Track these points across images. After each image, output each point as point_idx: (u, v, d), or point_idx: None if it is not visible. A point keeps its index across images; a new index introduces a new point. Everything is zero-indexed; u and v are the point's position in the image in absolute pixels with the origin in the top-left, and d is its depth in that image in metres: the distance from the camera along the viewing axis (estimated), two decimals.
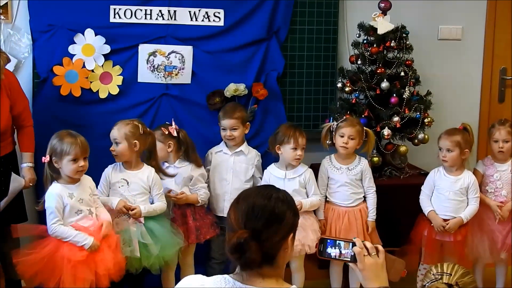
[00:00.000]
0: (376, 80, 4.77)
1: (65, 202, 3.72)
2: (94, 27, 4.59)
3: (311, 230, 4.32)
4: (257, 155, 4.65)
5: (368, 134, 4.50)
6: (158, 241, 4.00)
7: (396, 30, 4.81)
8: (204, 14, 4.78)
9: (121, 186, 4.05)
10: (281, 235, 2.13)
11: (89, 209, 3.80)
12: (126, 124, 4.04)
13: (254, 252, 2.06)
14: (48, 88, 4.57)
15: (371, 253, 2.22)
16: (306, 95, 5.15)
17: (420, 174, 4.99)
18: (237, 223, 2.13)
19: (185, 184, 4.34)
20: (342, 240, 2.26)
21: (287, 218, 2.16)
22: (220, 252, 4.51)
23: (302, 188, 4.37)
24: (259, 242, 2.07)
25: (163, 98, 4.79)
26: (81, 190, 3.79)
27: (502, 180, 4.52)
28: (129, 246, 3.90)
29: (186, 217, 4.31)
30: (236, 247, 2.06)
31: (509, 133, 4.49)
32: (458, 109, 5.55)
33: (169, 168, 4.32)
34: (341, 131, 4.41)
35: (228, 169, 4.53)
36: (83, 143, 3.75)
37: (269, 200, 2.16)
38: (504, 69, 5.72)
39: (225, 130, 4.49)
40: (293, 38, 5.05)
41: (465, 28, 5.57)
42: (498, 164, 4.54)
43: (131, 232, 3.94)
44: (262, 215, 2.12)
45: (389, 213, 4.64)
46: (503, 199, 4.51)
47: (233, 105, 4.65)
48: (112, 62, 4.67)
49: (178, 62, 4.76)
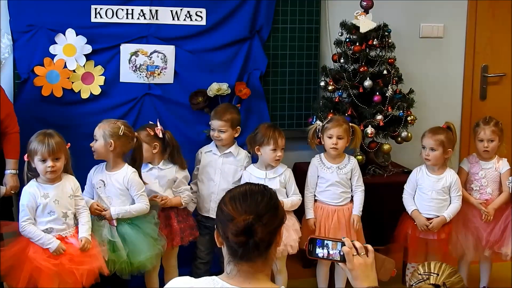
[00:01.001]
0: (359, 79, 4.77)
1: (38, 201, 3.67)
2: (75, 27, 4.56)
3: (292, 230, 4.29)
4: (247, 157, 4.54)
5: (355, 130, 4.47)
6: (128, 246, 3.92)
7: (378, 28, 4.83)
8: (186, 13, 4.76)
9: (98, 187, 4.01)
10: (276, 223, 2.14)
11: (66, 212, 3.72)
12: (108, 123, 3.99)
13: (261, 233, 2.06)
14: (29, 89, 4.54)
15: (360, 253, 2.21)
16: (289, 94, 5.15)
17: (404, 172, 5.00)
18: (237, 212, 2.10)
19: (168, 187, 4.29)
20: (330, 240, 2.25)
21: (280, 208, 2.19)
22: (206, 252, 4.48)
23: (283, 188, 4.34)
24: (263, 224, 2.08)
25: (145, 98, 4.78)
26: (59, 191, 3.73)
27: (487, 178, 4.53)
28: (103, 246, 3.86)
29: (170, 219, 4.27)
30: (243, 230, 2.05)
31: (494, 132, 4.49)
32: (440, 106, 5.59)
33: (153, 169, 4.27)
34: (329, 132, 4.39)
35: (216, 170, 4.48)
36: (53, 144, 3.65)
37: (264, 188, 2.20)
38: (485, 67, 5.75)
39: (213, 130, 4.45)
40: (275, 37, 5.05)
41: (446, 26, 5.60)
42: (483, 162, 4.54)
43: (101, 235, 3.89)
44: (262, 200, 2.13)
45: (373, 211, 4.64)
46: (488, 196, 4.52)
47: (226, 106, 4.57)
48: (94, 62, 4.64)
49: (160, 61, 4.74)
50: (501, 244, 4.43)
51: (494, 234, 4.45)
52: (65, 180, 3.78)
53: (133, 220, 4.00)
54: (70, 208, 3.76)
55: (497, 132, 4.50)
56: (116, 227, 3.94)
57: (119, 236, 3.93)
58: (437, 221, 4.39)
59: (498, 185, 4.53)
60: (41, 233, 3.64)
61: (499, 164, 4.53)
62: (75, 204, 3.80)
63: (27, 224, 3.64)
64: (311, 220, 4.41)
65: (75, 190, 3.81)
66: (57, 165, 3.68)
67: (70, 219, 3.75)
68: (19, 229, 3.66)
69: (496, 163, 4.54)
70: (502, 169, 4.51)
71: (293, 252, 4.30)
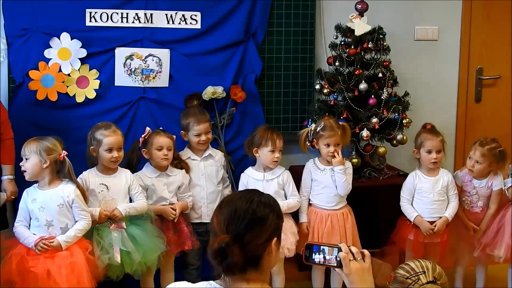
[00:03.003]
0: (354, 82, 4.77)
1: (28, 206, 3.70)
2: (70, 31, 4.55)
3: (290, 233, 4.29)
4: (222, 155, 4.63)
5: (345, 128, 4.46)
6: (140, 247, 3.95)
7: (373, 31, 4.82)
8: (181, 17, 4.76)
9: (101, 191, 4.01)
10: (264, 237, 2.13)
11: (50, 220, 3.69)
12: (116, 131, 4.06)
13: (236, 256, 2.05)
14: (24, 93, 4.52)
15: (357, 258, 2.21)
16: (284, 97, 5.15)
17: (399, 175, 5.00)
18: (220, 228, 2.12)
19: (175, 193, 4.33)
20: (326, 246, 2.25)
21: (269, 221, 2.16)
22: (196, 258, 4.48)
23: (281, 190, 4.36)
24: (242, 245, 2.07)
25: (140, 102, 4.77)
26: (47, 198, 3.71)
27: (479, 194, 4.51)
28: (107, 253, 3.84)
29: (179, 224, 4.29)
30: (218, 252, 2.06)
31: (484, 156, 4.41)
32: (436, 109, 5.59)
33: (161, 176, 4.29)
34: (326, 141, 4.36)
35: (200, 175, 4.48)
36: (27, 144, 3.71)
37: (251, 203, 2.17)
38: (480, 69, 5.76)
39: (199, 135, 4.42)
40: (270, 40, 5.04)
41: (441, 28, 5.60)
42: (476, 181, 4.50)
43: (112, 239, 3.89)
44: (244, 218, 2.12)
45: (369, 214, 4.65)
46: (478, 210, 4.51)
47: (200, 110, 4.60)
48: (89, 66, 4.63)
49: (155, 65, 4.74)
50: (493, 246, 4.43)
51: (487, 236, 4.46)
52: (60, 189, 3.75)
53: (134, 220, 4.03)
54: (57, 217, 3.71)
55: (487, 156, 4.41)
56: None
57: (129, 237, 3.95)
58: (441, 222, 4.40)
59: (489, 198, 4.53)
60: (26, 234, 3.65)
61: (492, 181, 4.49)
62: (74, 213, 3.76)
63: (18, 225, 3.69)
64: (304, 224, 4.42)
65: (68, 200, 3.73)
66: (25, 167, 3.71)
67: (55, 229, 3.70)
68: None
69: (489, 181, 4.50)
70: (495, 186, 4.48)
71: (290, 255, 4.31)
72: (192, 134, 4.45)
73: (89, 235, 3.89)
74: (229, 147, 4.85)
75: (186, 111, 4.59)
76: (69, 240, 3.68)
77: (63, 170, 3.76)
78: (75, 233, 3.71)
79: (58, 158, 3.73)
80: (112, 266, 3.86)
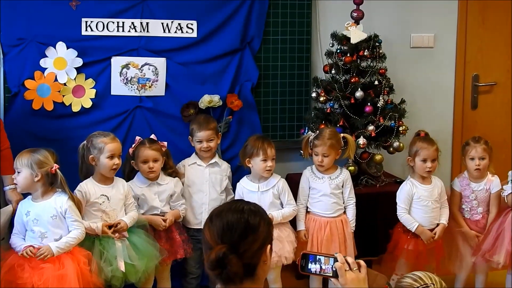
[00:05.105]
0: (350, 89, 4.77)
1: (23, 218, 3.68)
2: (65, 40, 4.55)
3: (287, 242, 4.29)
4: (228, 167, 4.66)
5: (348, 140, 4.49)
6: (143, 255, 3.96)
7: (369, 39, 4.83)
8: (177, 25, 4.76)
9: (102, 203, 3.99)
10: (258, 244, 2.15)
11: (44, 232, 3.67)
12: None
13: (234, 265, 2.06)
14: (20, 103, 4.52)
15: (352, 268, 2.21)
16: (281, 105, 5.15)
17: (396, 182, 4.99)
18: (213, 240, 2.14)
19: (167, 201, 4.33)
20: (322, 255, 2.25)
21: (261, 228, 2.19)
22: (196, 266, 4.49)
23: (277, 200, 4.35)
24: (238, 254, 2.08)
25: (137, 111, 4.76)
26: (40, 210, 3.69)
27: (478, 199, 4.52)
28: (111, 265, 3.82)
29: (172, 233, 4.29)
30: (216, 263, 2.06)
31: (485, 150, 4.49)
32: (432, 116, 5.59)
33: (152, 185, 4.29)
34: (315, 150, 4.40)
35: (204, 181, 4.51)
36: (19, 157, 3.70)
37: (242, 212, 2.20)
38: (476, 76, 5.77)
39: (201, 142, 4.46)
40: (266, 49, 5.05)
41: (437, 35, 5.61)
42: (474, 184, 4.52)
43: (116, 249, 3.88)
44: (237, 227, 2.14)
45: (366, 222, 4.65)
46: (479, 216, 4.53)
47: (206, 117, 4.63)
48: (85, 75, 4.63)
49: (151, 74, 4.73)
50: (493, 252, 4.42)
51: (487, 242, 4.45)
52: (52, 200, 3.72)
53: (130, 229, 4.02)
54: (51, 228, 3.69)
55: (487, 150, 4.50)
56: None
57: (131, 245, 3.95)
58: (440, 230, 4.43)
59: (489, 203, 4.54)
60: (19, 243, 3.64)
61: (490, 184, 4.52)
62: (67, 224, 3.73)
63: (13, 237, 3.68)
64: (302, 232, 4.41)
65: (61, 211, 3.71)
66: (16, 180, 3.71)
67: (49, 241, 3.66)
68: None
69: (487, 183, 4.53)
70: (493, 189, 4.51)
71: (287, 263, 4.30)
72: (195, 140, 4.50)
73: (91, 246, 3.88)
74: (226, 156, 4.83)
75: (194, 117, 4.64)
76: (62, 247, 3.65)
77: (55, 183, 3.73)
78: (67, 241, 3.67)
79: (50, 171, 3.71)
80: (116, 276, 3.85)
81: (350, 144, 4.50)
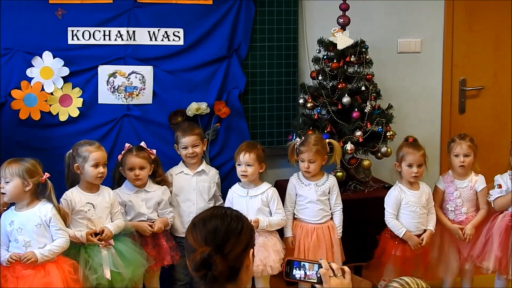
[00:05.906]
0: (337, 95, 4.78)
1: (7, 228, 3.65)
2: (52, 50, 4.56)
3: (273, 251, 4.28)
4: (217, 173, 4.67)
5: (334, 146, 4.50)
6: (129, 263, 3.96)
7: (356, 45, 4.83)
8: (163, 33, 4.76)
9: (88, 211, 3.98)
10: (241, 247, 2.18)
11: (29, 241, 3.64)
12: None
13: (219, 265, 2.08)
14: (7, 113, 4.51)
15: (337, 274, 2.21)
16: (269, 111, 5.15)
17: (385, 187, 4.99)
18: (197, 243, 2.16)
19: (155, 208, 4.32)
20: (307, 262, 2.26)
21: (244, 230, 2.23)
22: (184, 273, 4.48)
23: (265, 207, 4.35)
24: (223, 256, 2.11)
25: (124, 119, 4.76)
26: (24, 218, 3.67)
27: (462, 198, 4.53)
28: (96, 273, 3.82)
29: (159, 239, 4.29)
30: (201, 264, 2.09)
31: (470, 147, 4.52)
32: (420, 121, 5.61)
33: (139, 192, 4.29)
34: (301, 156, 4.42)
35: (191, 190, 4.51)
36: (7, 166, 3.65)
37: (224, 215, 2.25)
38: (463, 80, 5.79)
39: (186, 148, 4.47)
40: (253, 55, 5.05)
41: (424, 41, 5.63)
42: (458, 181, 4.54)
43: (102, 257, 3.88)
44: (220, 230, 2.18)
45: (355, 227, 4.65)
46: (463, 217, 4.53)
47: (190, 123, 4.64)
48: (72, 84, 4.63)
49: (138, 82, 4.74)
50: (482, 258, 4.44)
51: (476, 248, 4.46)
52: (37, 209, 3.71)
53: (115, 236, 4.02)
54: (35, 237, 3.67)
55: (472, 147, 4.53)
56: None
57: (117, 253, 3.95)
58: (428, 236, 4.43)
59: (473, 203, 4.55)
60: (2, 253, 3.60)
61: (475, 182, 4.54)
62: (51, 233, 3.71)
63: None
64: (289, 238, 4.42)
65: (46, 220, 3.69)
66: (4, 190, 3.66)
67: (33, 249, 3.64)
68: None
69: (471, 181, 4.55)
70: (479, 187, 4.53)
71: (273, 273, 4.29)
72: (180, 147, 4.51)
73: (76, 255, 3.87)
74: (214, 163, 4.83)
75: (178, 125, 4.65)
76: (46, 254, 3.63)
77: (44, 193, 3.72)
78: (51, 248, 3.65)
79: (40, 180, 3.70)
80: (101, 284, 3.85)
81: (336, 150, 4.51)
